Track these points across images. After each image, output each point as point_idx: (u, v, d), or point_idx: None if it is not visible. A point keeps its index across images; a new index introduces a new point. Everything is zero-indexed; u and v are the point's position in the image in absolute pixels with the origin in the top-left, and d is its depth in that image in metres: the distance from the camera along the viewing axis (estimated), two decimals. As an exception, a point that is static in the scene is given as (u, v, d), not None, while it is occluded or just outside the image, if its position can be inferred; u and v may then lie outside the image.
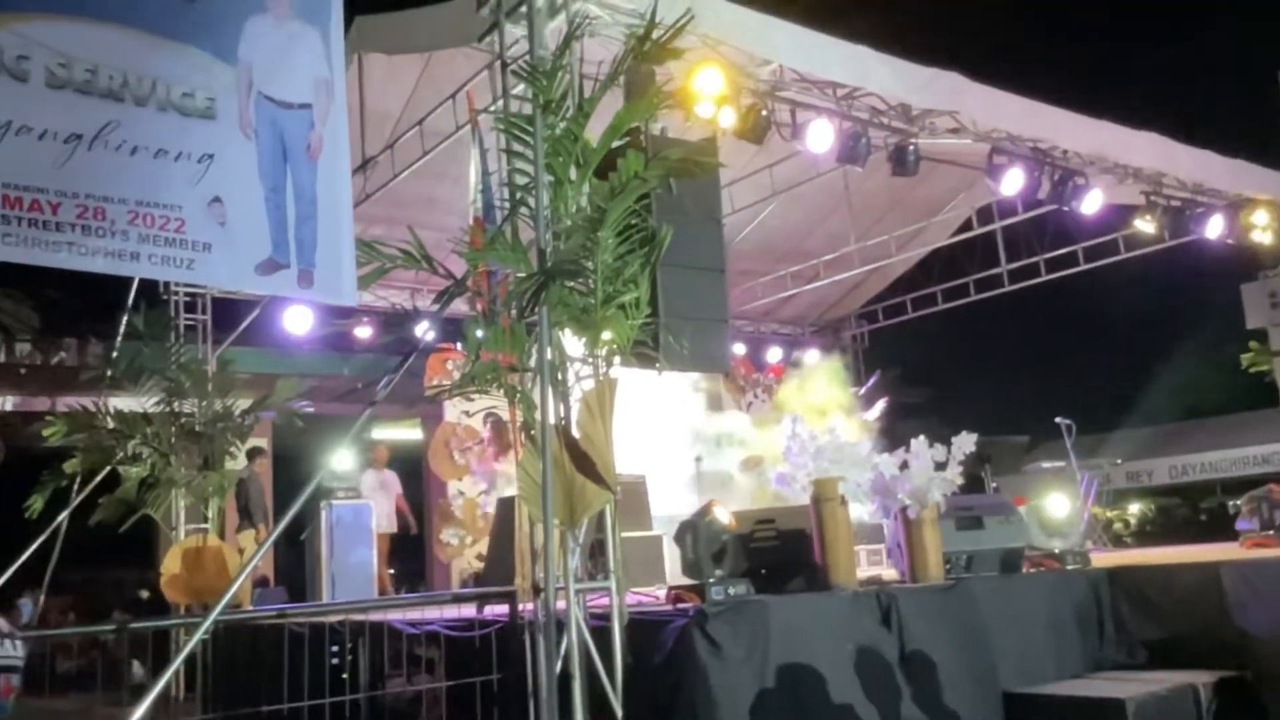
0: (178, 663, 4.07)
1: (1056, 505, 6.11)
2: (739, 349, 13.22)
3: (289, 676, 5.31)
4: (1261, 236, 10.57)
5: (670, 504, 10.03)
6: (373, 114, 8.65)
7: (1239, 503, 8.67)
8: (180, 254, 3.97)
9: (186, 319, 10.75)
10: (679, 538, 5.59)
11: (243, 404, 9.21)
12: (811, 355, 13.32)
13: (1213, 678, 5.40)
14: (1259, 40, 16.43)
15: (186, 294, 10.75)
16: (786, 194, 11.44)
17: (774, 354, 14.08)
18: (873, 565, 8.55)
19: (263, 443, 11.03)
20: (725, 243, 12.68)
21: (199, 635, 3.96)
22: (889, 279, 14.36)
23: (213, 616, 4.10)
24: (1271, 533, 7.99)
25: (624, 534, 7.82)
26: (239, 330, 11.12)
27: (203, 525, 9.64)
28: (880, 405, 12.73)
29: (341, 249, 4.34)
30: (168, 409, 8.96)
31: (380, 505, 10.81)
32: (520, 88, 5.01)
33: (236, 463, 9.54)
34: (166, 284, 10.56)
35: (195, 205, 3.99)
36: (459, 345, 4.81)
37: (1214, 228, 10.19)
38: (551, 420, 4.51)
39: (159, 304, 10.54)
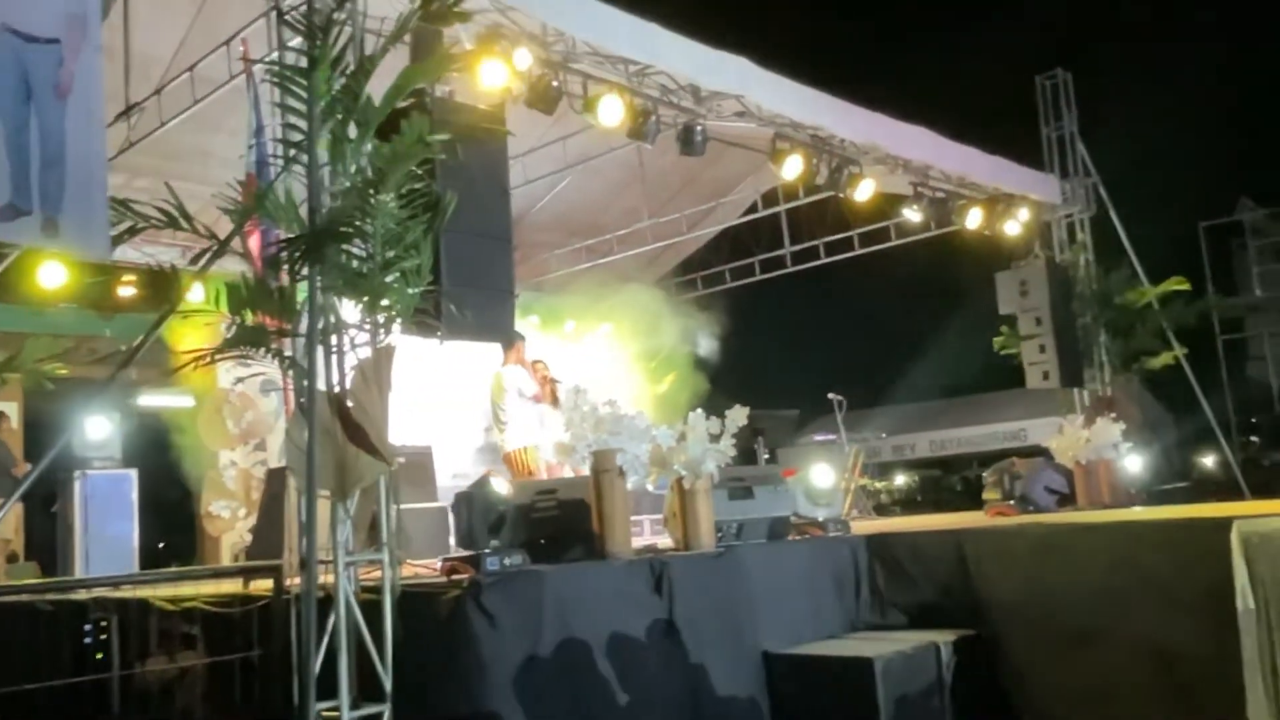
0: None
1: (820, 476, 6.45)
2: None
3: (34, 657, 4.96)
4: (1015, 229, 11.50)
5: (460, 475, 9.97)
6: (139, 58, 8.05)
7: (986, 474, 9.41)
8: (-98, 195, 3.58)
9: (-80, 271, 9.71)
10: (455, 509, 5.56)
11: (-16, 365, 8.42)
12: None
13: (952, 636, 5.83)
14: (1021, 47, 17.79)
15: (-80, 244, 9.71)
16: (583, 168, 11.49)
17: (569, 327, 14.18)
18: (656, 534, 8.78)
19: (10, 406, 10.15)
20: (520, 213, 12.70)
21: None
22: (681, 256, 14.70)
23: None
24: (1012, 502, 8.73)
25: (408, 505, 7.72)
26: (-18, 285, 10.15)
27: (-63, 497, 8.79)
28: (669, 378, 13.08)
29: (93, 198, 4.02)
30: (-104, 369, 8.09)
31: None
32: (298, 40, 4.79)
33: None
34: (-104, 232, 9.51)
35: (-79, 142, 3.61)
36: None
37: (973, 219, 10.99)
38: (322, 387, 4.36)
39: (-111, 254, 9.48)
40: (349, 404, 4.51)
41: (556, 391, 9.14)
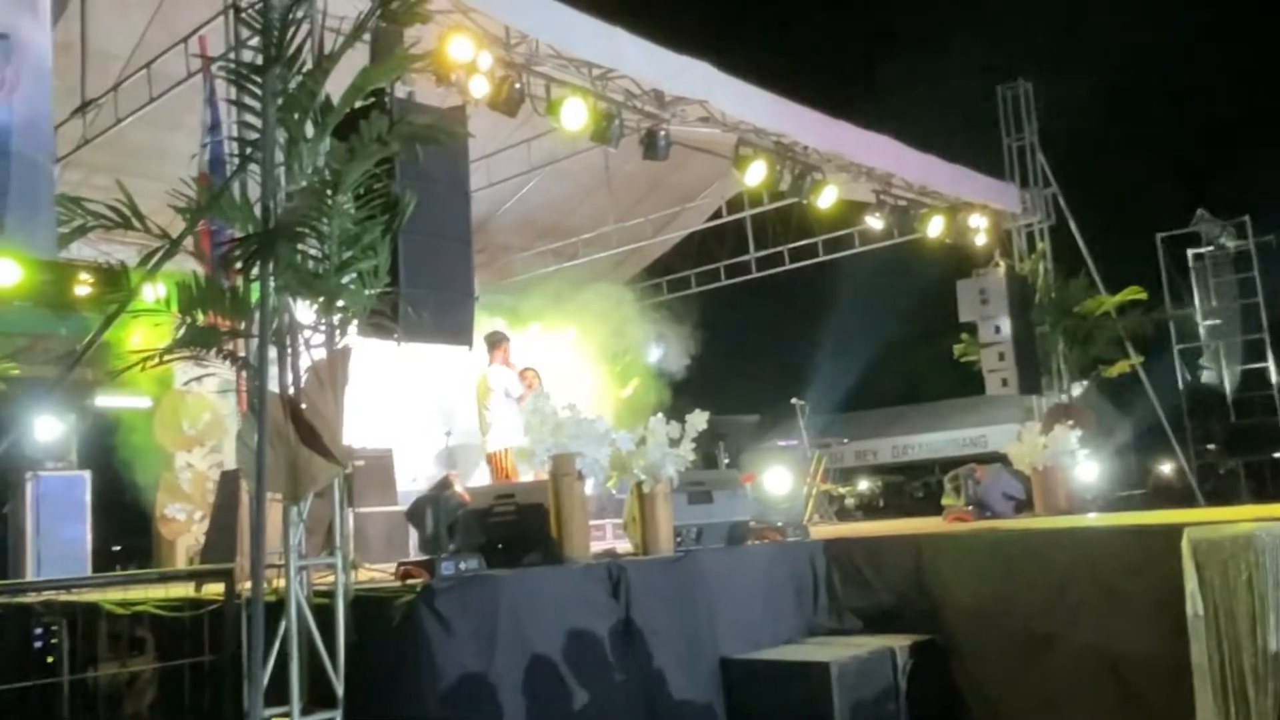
0: None
1: (774, 482, 6.47)
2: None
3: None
4: (975, 238, 11.59)
5: (421, 479, 9.88)
6: (97, 54, 7.93)
7: (945, 480, 9.46)
8: None
9: None
10: (413, 514, 5.52)
11: (-67, 363, 8.26)
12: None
13: (908, 641, 5.88)
14: (983, 59, 17.99)
15: None
16: (549, 171, 11.45)
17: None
18: (618, 539, 8.76)
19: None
20: (486, 215, 12.63)
21: None
22: (647, 260, 14.69)
23: None
24: (970, 508, 8.79)
25: (367, 509, 7.68)
26: (-68, 281, 9.92)
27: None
28: (633, 383, 13.06)
29: (39, 196, 3.97)
30: None
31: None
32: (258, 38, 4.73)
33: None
34: None
35: None
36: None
37: (935, 227, 11.07)
38: (275, 388, 4.31)
39: None
40: (303, 406, 4.46)
41: None
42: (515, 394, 9.16)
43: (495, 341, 9.62)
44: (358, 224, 4.73)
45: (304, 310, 4.73)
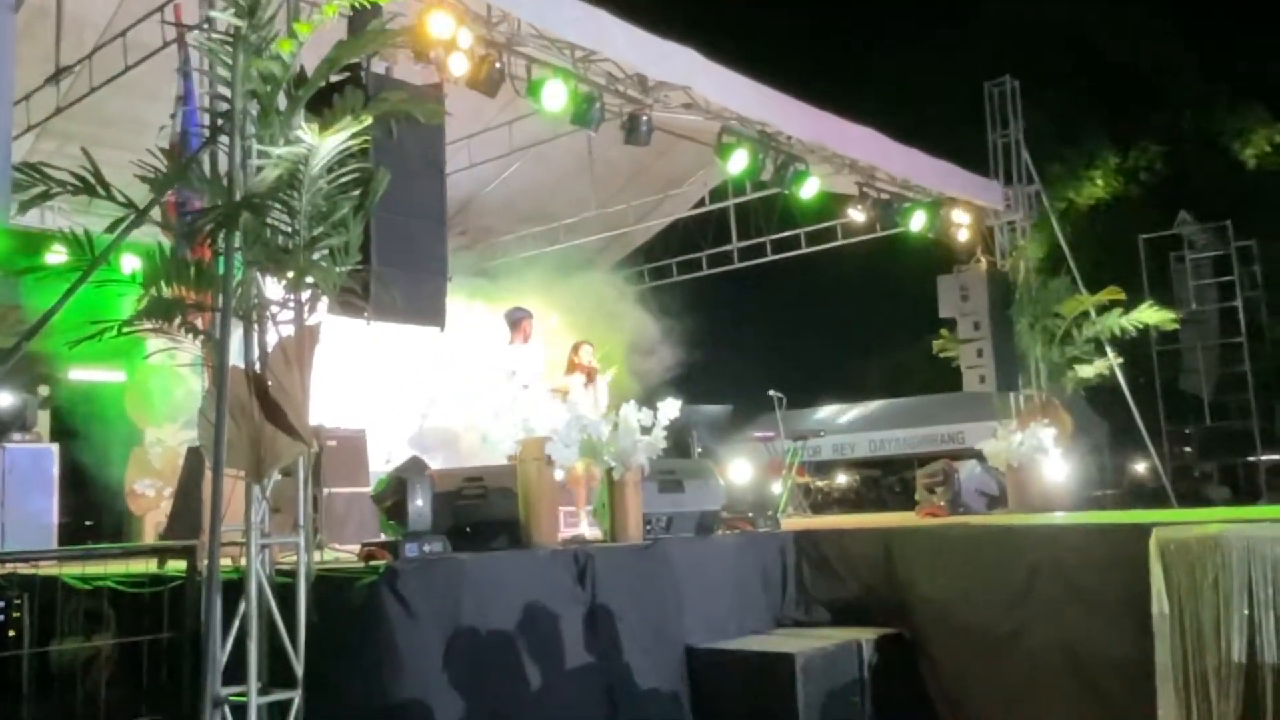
0: None
1: (737, 472, 6.45)
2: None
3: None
4: (957, 233, 11.57)
5: (395, 460, 9.78)
6: (73, 21, 7.80)
7: (920, 475, 9.46)
8: None
9: None
10: (383, 495, 5.47)
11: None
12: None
13: (875, 635, 5.88)
14: (971, 55, 17.98)
15: None
16: (532, 155, 11.34)
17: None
18: (594, 524, 8.71)
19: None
20: (468, 197, 12.49)
21: None
22: (630, 247, 14.62)
23: None
24: (943, 504, 8.81)
25: (339, 489, 7.61)
26: (-99, 249, 9.77)
27: None
28: (612, 371, 12.98)
29: (-8, 161, 3.88)
30: None
31: None
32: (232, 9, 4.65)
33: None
34: None
35: None
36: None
37: (917, 222, 11.03)
38: (239, 363, 4.24)
39: None
40: (268, 382, 4.39)
41: (595, 377, 8.42)
42: (524, 380, 7.86)
43: (515, 320, 8.92)
44: (329, 199, 4.66)
45: (273, 286, 4.67)
